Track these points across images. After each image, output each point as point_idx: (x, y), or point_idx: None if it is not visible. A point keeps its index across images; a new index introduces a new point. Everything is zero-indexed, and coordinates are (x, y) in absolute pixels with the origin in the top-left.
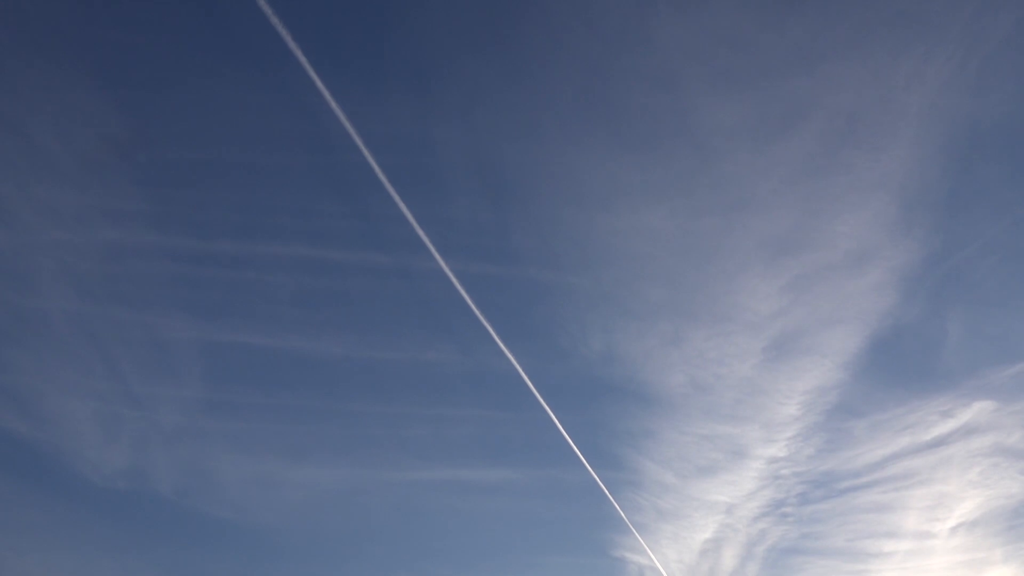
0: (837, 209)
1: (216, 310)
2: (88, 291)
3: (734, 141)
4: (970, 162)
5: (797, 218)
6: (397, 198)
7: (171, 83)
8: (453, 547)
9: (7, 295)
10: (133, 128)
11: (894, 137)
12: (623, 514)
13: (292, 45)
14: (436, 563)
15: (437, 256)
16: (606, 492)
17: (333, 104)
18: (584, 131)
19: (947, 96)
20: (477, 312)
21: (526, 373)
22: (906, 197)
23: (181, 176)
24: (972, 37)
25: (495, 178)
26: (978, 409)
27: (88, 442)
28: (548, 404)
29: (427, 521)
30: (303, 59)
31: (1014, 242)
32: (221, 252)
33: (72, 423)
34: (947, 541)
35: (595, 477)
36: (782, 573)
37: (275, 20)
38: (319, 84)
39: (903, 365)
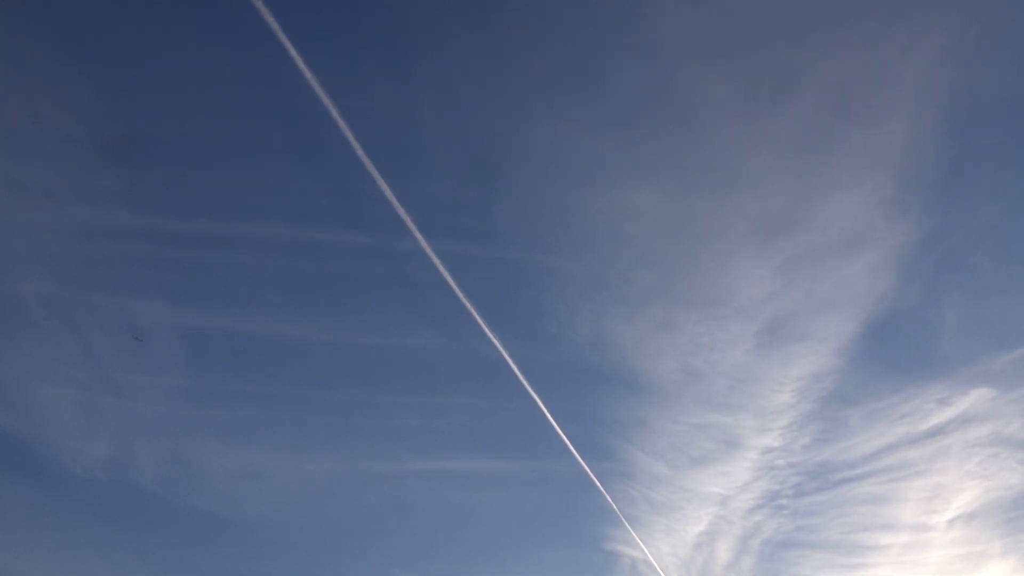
0: (830, 188)
1: (196, 294)
2: (63, 274)
3: (723, 116)
4: (968, 137)
5: (789, 197)
6: (378, 176)
7: (145, 58)
8: (444, 541)
9: None
10: (105, 103)
11: (889, 111)
12: (615, 506)
13: (270, 19)
14: (427, 557)
15: (419, 237)
16: (598, 484)
17: (312, 79)
18: (569, 106)
19: (944, 67)
20: (462, 296)
21: (513, 359)
22: (902, 175)
23: (155, 153)
24: (971, 4)
25: (478, 156)
26: (976, 397)
27: (67, 431)
28: (536, 392)
29: (417, 514)
30: (282, 36)
31: (1014, 222)
32: (199, 232)
33: (50, 412)
34: (945, 534)
35: (586, 468)
36: (777, 567)
37: None
38: (299, 61)
39: (899, 351)
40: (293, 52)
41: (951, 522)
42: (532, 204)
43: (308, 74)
